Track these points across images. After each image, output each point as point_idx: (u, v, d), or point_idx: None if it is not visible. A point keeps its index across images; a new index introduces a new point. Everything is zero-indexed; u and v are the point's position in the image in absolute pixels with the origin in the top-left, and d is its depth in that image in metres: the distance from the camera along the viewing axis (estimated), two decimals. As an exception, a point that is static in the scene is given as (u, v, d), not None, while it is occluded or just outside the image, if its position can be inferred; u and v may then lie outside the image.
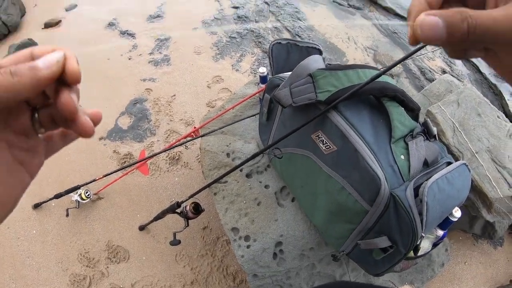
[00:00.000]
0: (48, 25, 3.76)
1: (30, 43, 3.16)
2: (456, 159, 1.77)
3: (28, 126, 0.36)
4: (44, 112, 0.37)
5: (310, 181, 1.22)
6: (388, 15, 4.39)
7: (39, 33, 3.65)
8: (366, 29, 4.00)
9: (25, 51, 0.33)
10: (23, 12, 4.04)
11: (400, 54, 3.66)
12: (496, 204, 1.76)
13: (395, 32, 4.02)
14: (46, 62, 0.31)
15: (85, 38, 3.55)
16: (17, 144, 0.35)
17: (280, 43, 1.56)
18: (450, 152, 1.80)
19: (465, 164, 1.14)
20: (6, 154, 0.34)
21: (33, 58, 0.32)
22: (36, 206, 2.18)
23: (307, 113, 1.13)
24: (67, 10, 4.01)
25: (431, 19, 0.30)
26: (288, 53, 1.57)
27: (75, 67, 0.33)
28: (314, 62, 1.16)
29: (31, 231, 2.10)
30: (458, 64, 3.47)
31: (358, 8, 4.34)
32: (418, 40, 0.31)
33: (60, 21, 3.82)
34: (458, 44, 0.30)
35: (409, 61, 3.49)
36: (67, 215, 2.07)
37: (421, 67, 3.37)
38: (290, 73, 1.20)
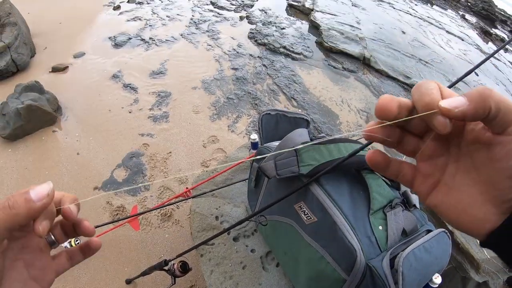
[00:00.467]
0: (55, 69, 3.92)
1: (36, 85, 3.28)
2: (441, 224, 1.80)
3: (41, 242, 0.45)
4: (55, 227, 0.47)
5: (293, 248, 1.27)
6: (381, 77, 4.62)
7: (46, 76, 3.82)
8: (360, 91, 4.19)
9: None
10: (33, 53, 4.23)
11: None
12: (484, 265, 1.79)
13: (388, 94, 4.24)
14: (38, 194, 0.38)
15: (90, 86, 3.70)
16: (33, 262, 0.42)
17: (269, 113, 1.63)
18: (436, 217, 1.84)
19: (444, 231, 1.17)
20: (23, 272, 0.41)
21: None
22: None
23: (291, 184, 1.20)
24: (75, 57, 4.20)
25: (458, 97, 0.32)
26: (277, 123, 1.64)
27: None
28: (299, 136, 1.25)
29: None
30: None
31: (352, 71, 4.58)
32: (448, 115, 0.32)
33: (67, 66, 4.00)
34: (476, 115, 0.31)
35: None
36: None
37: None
38: (278, 143, 1.29)
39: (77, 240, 2.11)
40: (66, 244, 2.09)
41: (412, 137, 0.39)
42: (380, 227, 1.08)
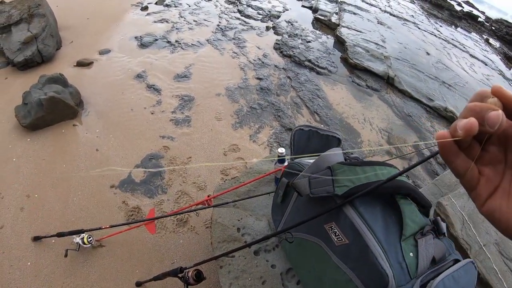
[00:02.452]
0: (80, 64, 3.95)
1: (61, 78, 3.30)
2: (464, 252, 1.79)
3: None
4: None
5: (318, 268, 1.24)
6: (404, 98, 4.59)
7: (71, 69, 3.85)
8: (382, 110, 4.16)
9: None
10: (58, 46, 4.26)
11: (413, 137, 3.78)
12: None
13: (410, 115, 4.18)
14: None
15: (113, 84, 3.72)
16: None
17: (302, 129, 1.62)
18: (458, 244, 1.81)
19: (472, 262, 1.15)
20: None
21: None
22: (36, 239, 2.18)
23: (323, 203, 1.17)
24: (100, 53, 4.23)
25: (497, 112, 0.35)
26: (308, 138, 1.62)
27: None
28: (334, 156, 1.22)
29: (26, 262, 2.09)
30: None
31: (375, 90, 4.55)
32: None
33: (92, 62, 4.02)
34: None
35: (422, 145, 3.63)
36: (66, 255, 2.06)
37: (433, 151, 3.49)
38: (309, 160, 1.26)
39: (90, 237, 2.09)
40: (78, 240, 2.07)
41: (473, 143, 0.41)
42: (411, 254, 1.06)
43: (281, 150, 1.69)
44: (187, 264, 1.43)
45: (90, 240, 2.08)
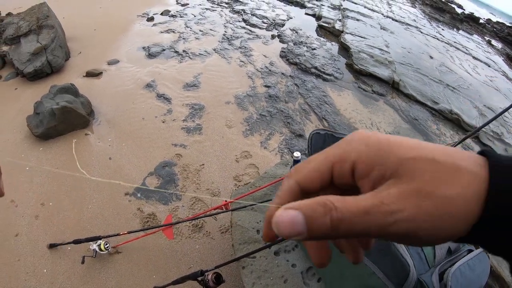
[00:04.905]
0: (89, 74, 4.00)
1: (72, 88, 3.35)
2: (477, 247, 1.83)
3: None
4: None
5: (339, 264, 1.28)
6: (410, 102, 4.62)
7: (80, 80, 3.89)
8: (389, 114, 4.19)
9: None
10: (67, 57, 4.32)
11: (420, 140, 3.83)
12: None
13: (416, 119, 4.22)
14: None
15: (123, 93, 3.75)
16: None
17: (319, 133, 1.65)
18: None
19: (484, 251, 1.21)
20: None
21: None
22: (52, 246, 2.20)
23: None
24: (109, 63, 4.28)
25: (290, 214, 0.27)
26: (324, 141, 1.64)
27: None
28: None
29: (42, 269, 2.10)
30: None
31: (381, 95, 4.59)
32: (274, 237, 0.30)
33: (101, 72, 4.07)
34: (323, 239, 0.28)
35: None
36: (83, 262, 2.07)
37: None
38: None
39: (106, 244, 2.11)
40: (95, 246, 2.09)
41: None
42: None
43: (297, 154, 1.72)
44: (210, 267, 1.44)
45: (107, 247, 2.10)
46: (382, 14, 8.68)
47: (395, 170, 0.28)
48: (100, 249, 2.08)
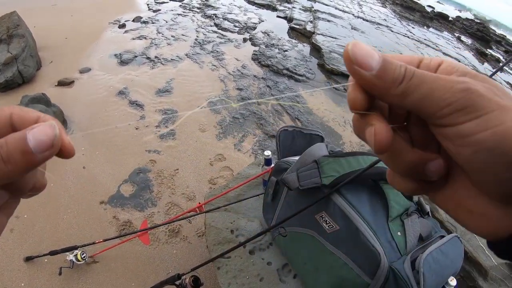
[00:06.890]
0: (61, 83, 3.96)
1: (43, 98, 3.30)
2: (450, 233, 1.89)
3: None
4: None
5: (313, 258, 1.30)
6: None
7: (52, 89, 3.85)
8: None
9: (3, 113, 0.29)
10: (38, 66, 4.27)
11: None
12: (492, 272, 1.82)
13: None
14: (41, 145, 0.27)
15: (96, 101, 3.73)
16: None
17: (287, 129, 1.69)
18: (443, 227, 1.90)
19: (457, 236, 1.23)
20: None
21: (12, 123, 0.29)
22: (28, 259, 2.17)
23: (312, 195, 1.23)
24: (81, 72, 4.25)
25: (369, 48, 0.26)
26: (293, 138, 1.69)
27: (71, 147, 0.30)
28: (319, 150, 1.30)
29: (19, 283, 2.08)
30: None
31: (354, 92, 4.67)
32: (351, 63, 0.26)
33: (73, 81, 4.04)
34: (386, 91, 0.26)
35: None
36: (60, 273, 2.05)
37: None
38: (296, 157, 1.32)
39: (83, 254, 2.10)
40: (71, 257, 2.08)
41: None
42: (399, 233, 1.13)
43: (267, 152, 1.76)
44: (186, 271, 1.45)
45: (84, 257, 2.08)
46: (353, 14, 8.82)
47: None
48: (77, 259, 2.06)
